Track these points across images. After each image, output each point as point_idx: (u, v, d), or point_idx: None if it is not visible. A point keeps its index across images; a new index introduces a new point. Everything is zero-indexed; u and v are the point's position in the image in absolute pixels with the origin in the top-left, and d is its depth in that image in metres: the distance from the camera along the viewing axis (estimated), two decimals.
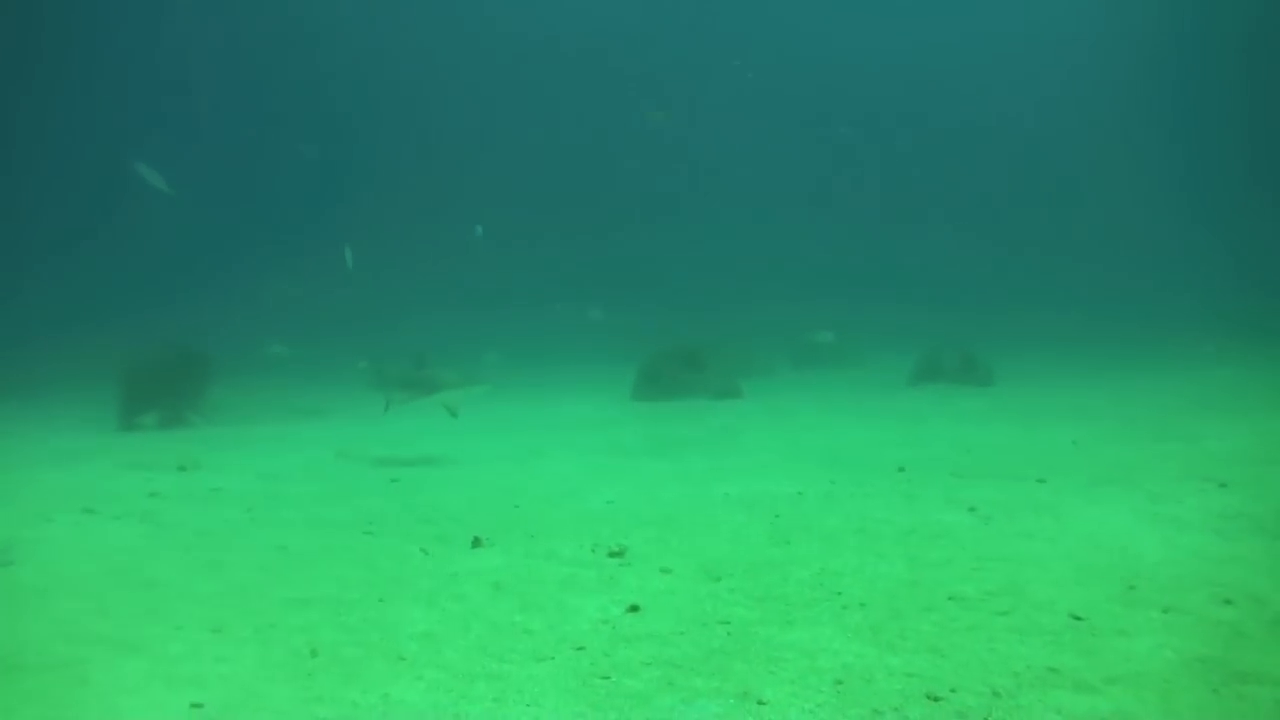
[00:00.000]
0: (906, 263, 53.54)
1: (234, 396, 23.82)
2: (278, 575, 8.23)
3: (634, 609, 7.00)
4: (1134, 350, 30.09)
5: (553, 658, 6.14)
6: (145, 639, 6.62)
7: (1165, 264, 48.53)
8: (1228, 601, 6.60)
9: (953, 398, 20.89)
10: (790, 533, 9.19)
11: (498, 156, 62.00)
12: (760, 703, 5.39)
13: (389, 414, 15.75)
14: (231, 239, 54.38)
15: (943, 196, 62.33)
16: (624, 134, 59.09)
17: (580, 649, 6.26)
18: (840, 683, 5.59)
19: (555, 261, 51.27)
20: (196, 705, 5.56)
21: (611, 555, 8.57)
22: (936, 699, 5.33)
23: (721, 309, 39.80)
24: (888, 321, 38.07)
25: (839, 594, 7.19)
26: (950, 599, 6.94)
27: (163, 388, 21.66)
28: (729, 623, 6.66)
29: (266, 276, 44.70)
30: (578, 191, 59.14)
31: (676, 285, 46.06)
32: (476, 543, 9.17)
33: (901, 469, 12.33)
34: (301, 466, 14.75)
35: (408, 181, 59.57)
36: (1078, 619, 6.40)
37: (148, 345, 23.39)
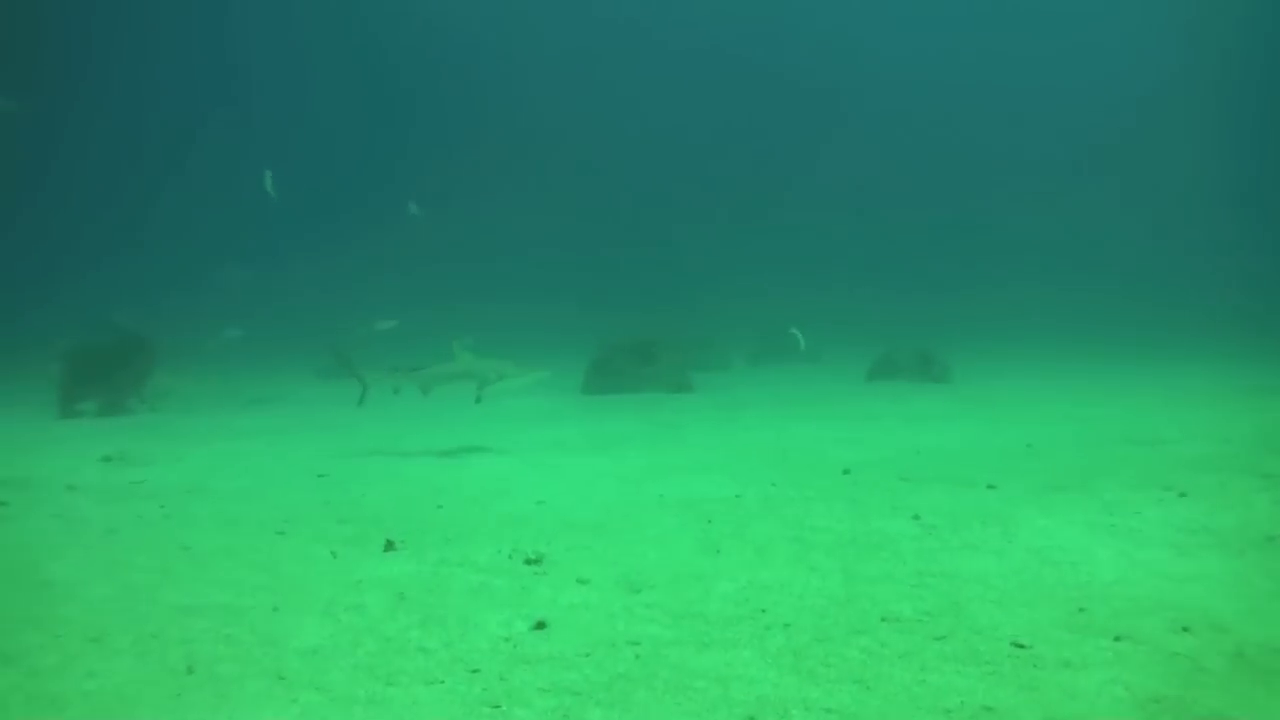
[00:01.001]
0: (882, 253, 53.11)
1: (182, 383, 23.16)
2: (175, 578, 7.67)
3: (540, 625, 6.40)
4: (1121, 345, 29.72)
5: (443, 681, 5.54)
6: (22, 649, 6.10)
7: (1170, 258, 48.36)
8: (1186, 629, 6.01)
9: (909, 396, 20.37)
10: (722, 540, 8.59)
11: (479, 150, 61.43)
12: None
13: (342, 403, 15.03)
14: (192, 224, 53.46)
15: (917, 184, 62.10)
16: (601, 131, 58.78)
17: (475, 671, 5.66)
18: (751, 718, 4.95)
19: (528, 256, 50.56)
20: None
21: (529, 563, 7.97)
22: None
23: (679, 302, 39.21)
24: (857, 312, 37.60)
25: (764, 612, 6.58)
26: (884, 620, 6.33)
27: (105, 374, 20.99)
28: (639, 644, 6.05)
29: (225, 261, 43.88)
30: (554, 188, 58.47)
31: (636, 277, 45.40)
32: (389, 546, 8.61)
33: (847, 471, 11.76)
34: (231, 458, 14.22)
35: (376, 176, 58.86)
36: (1020, 647, 5.79)
37: (92, 329, 22.74)
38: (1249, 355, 26.34)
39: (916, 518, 9.18)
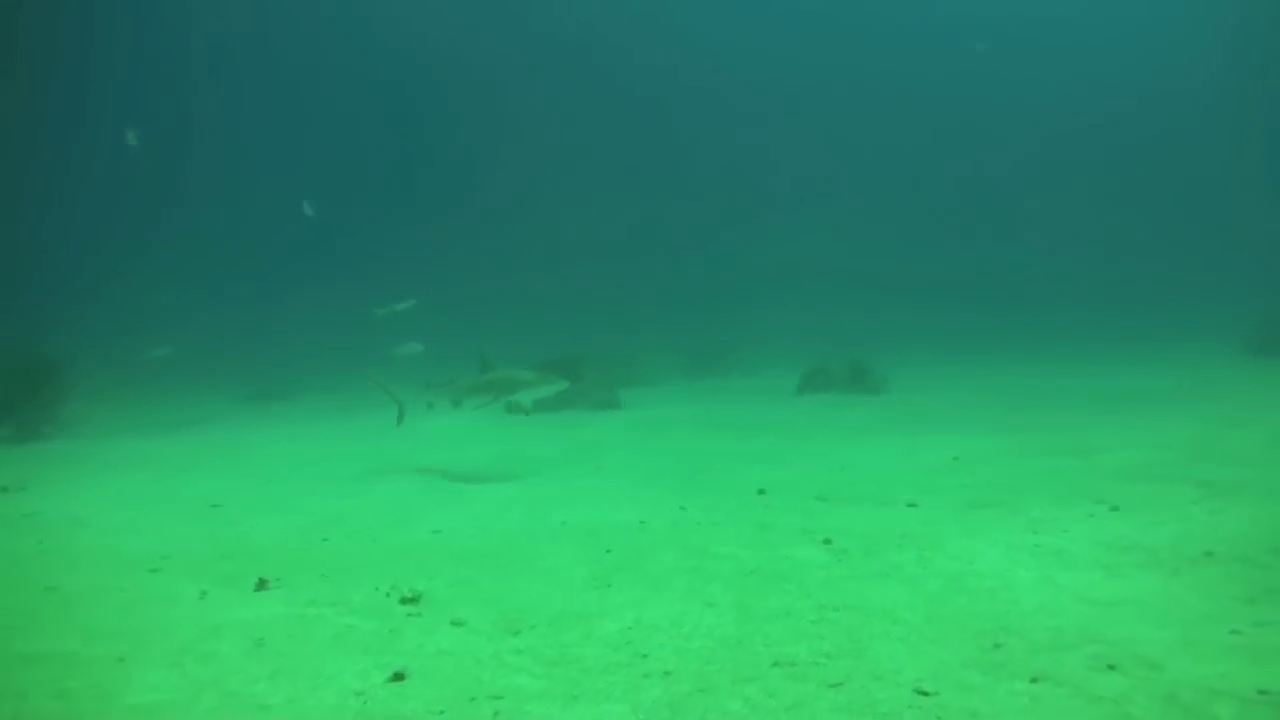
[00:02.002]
0: (829, 264, 52.70)
1: (101, 407, 22.28)
2: (32, 622, 6.99)
3: (398, 677, 5.72)
4: (1068, 353, 29.37)
5: None
6: None
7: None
8: (1112, 667, 5.34)
9: (839, 408, 19.72)
10: (615, 572, 7.89)
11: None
12: None
13: (262, 426, 14.24)
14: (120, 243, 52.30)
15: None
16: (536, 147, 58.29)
17: None
18: None
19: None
20: None
21: (405, 602, 7.28)
22: None
23: (618, 318, 38.56)
24: (799, 325, 37.09)
25: (645, 657, 5.88)
26: (776, 665, 5.63)
27: (16, 397, 20.02)
28: (502, 698, 5.37)
29: (158, 283, 42.86)
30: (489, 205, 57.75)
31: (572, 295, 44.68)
32: (261, 585, 7.94)
33: (762, 492, 11.08)
34: (132, 487, 13.43)
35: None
36: (924, 694, 5.10)
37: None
38: (1192, 359, 26.01)
39: (828, 542, 8.49)
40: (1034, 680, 5.21)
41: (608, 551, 8.62)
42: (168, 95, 56.45)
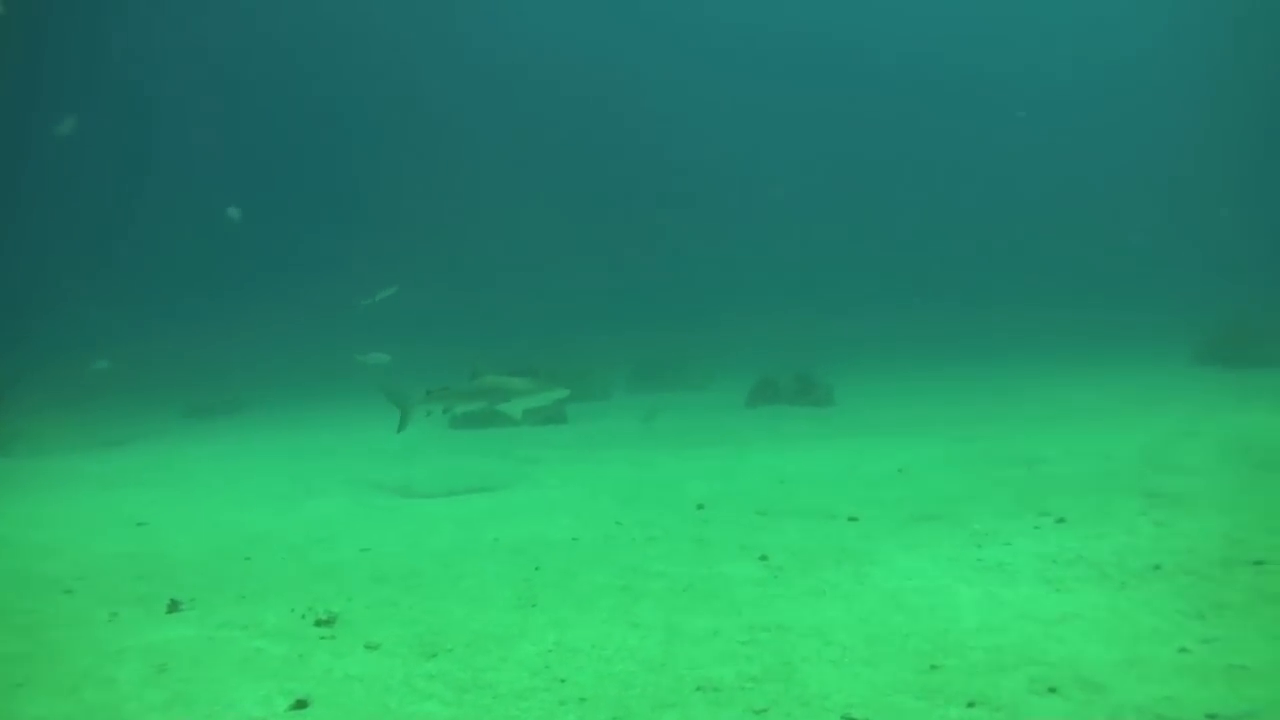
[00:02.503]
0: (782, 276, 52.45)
1: (36, 424, 21.68)
2: None
3: (301, 705, 5.43)
4: (1021, 362, 29.29)
5: None
6: None
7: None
8: (1052, 690, 5.05)
9: (786, 421, 19.45)
10: (542, 591, 7.57)
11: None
12: None
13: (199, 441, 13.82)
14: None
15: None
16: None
17: None
18: None
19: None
20: None
21: (320, 624, 6.94)
22: None
23: (563, 328, 38.14)
24: (752, 336, 36.87)
25: (562, 682, 5.55)
26: (699, 689, 5.31)
27: None
28: None
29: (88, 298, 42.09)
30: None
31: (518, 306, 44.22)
32: (173, 606, 7.57)
33: (701, 506, 10.75)
34: (57, 507, 12.98)
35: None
36: None
37: None
38: (1143, 367, 25.96)
39: (764, 558, 8.18)
40: (970, 705, 4.92)
41: (537, 569, 8.31)
42: (117, 103, 55.45)
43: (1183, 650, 5.53)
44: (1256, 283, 35.58)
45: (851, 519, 9.64)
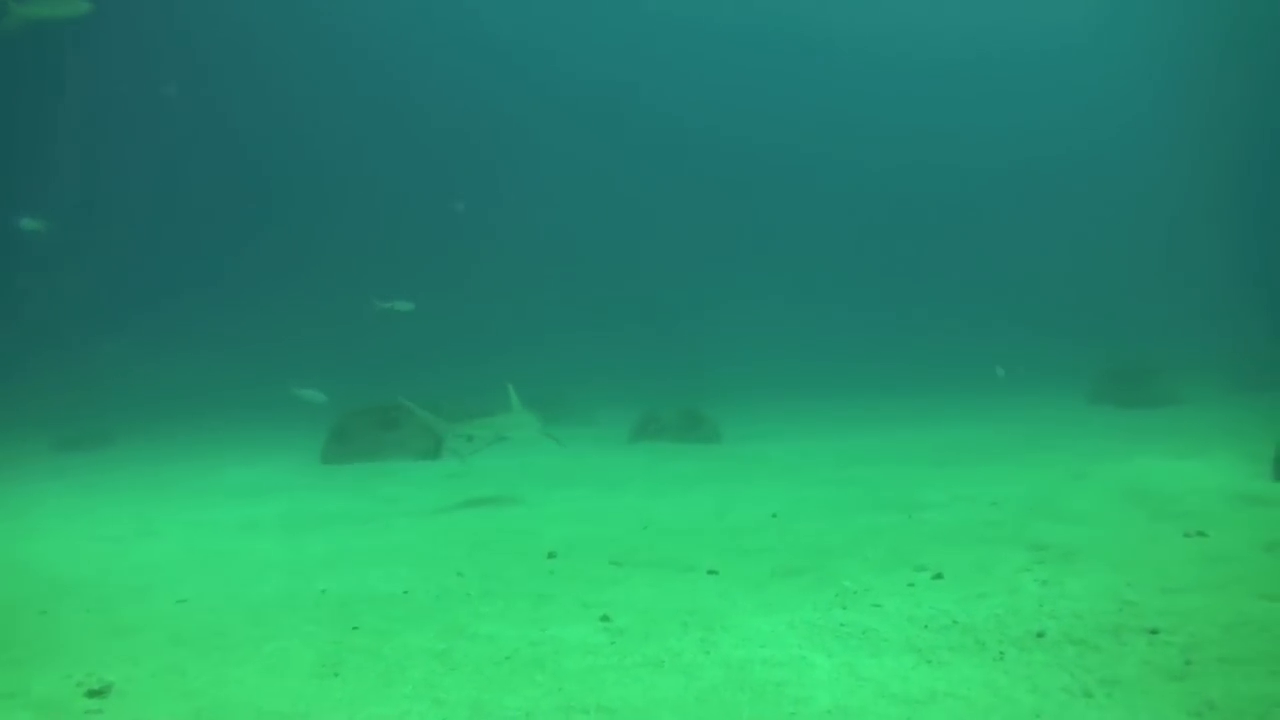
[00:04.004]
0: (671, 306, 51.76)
1: None
2: None
3: None
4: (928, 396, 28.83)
5: None
6: None
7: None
8: None
9: (666, 459, 18.61)
10: (350, 656, 6.69)
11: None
12: None
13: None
14: None
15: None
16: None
17: None
18: None
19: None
20: None
21: (91, 695, 6.06)
22: None
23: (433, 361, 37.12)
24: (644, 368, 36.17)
25: None
26: None
27: None
28: None
29: None
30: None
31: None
32: None
33: (553, 554, 9.86)
34: None
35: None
36: None
37: None
38: (1044, 400, 25.62)
39: (605, 619, 7.28)
40: None
41: (354, 629, 7.40)
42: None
43: None
44: (1170, 318, 35.70)
45: (711, 572, 8.78)
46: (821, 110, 68.45)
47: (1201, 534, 9.11)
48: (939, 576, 8.08)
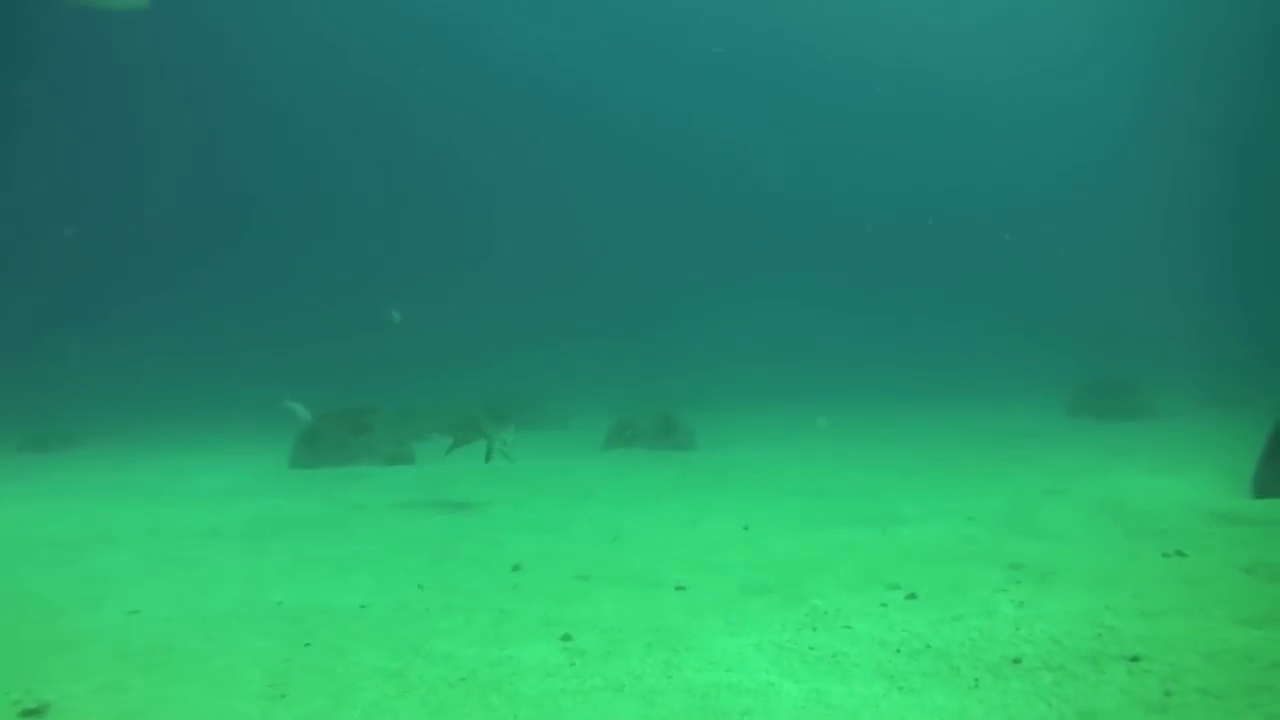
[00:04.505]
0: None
1: None
2: None
3: None
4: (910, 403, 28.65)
5: None
6: None
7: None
8: None
9: (640, 466, 18.35)
10: (301, 675, 6.45)
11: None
12: None
13: None
14: None
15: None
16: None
17: None
18: None
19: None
20: None
21: (27, 715, 5.79)
22: None
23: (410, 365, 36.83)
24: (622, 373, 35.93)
25: None
26: None
27: None
28: None
29: None
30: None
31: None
32: None
33: (517, 568, 9.59)
34: None
35: None
36: None
37: None
38: (1022, 412, 25.48)
39: (567, 639, 7.02)
40: None
41: (306, 645, 7.13)
42: None
43: None
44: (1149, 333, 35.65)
45: (679, 588, 8.54)
46: (809, 120, 68.25)
47: (1180, 554, 8.91)
48: (913, 596, 7.87)
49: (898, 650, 6.51)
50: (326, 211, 60.30)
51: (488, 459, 14.00)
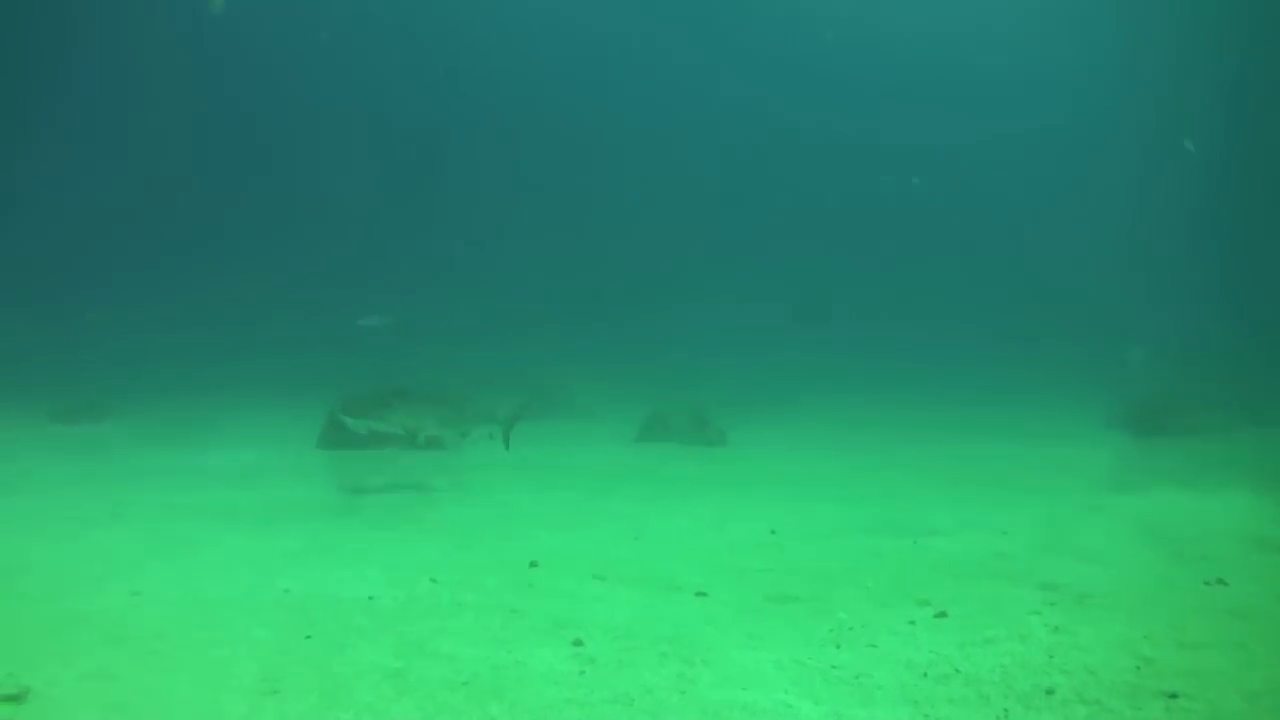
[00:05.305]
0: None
1: None
2: None
3: None
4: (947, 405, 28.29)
5: None
6: None
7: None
8: None
9: (670, 461, 18.06)
10: (296, 670, 6.22)
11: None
12: None
13: None
14: None
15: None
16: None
17: None
18: None
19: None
20: None
21: (7, 700, 5.60)
22: None
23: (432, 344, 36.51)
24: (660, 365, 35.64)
25: None
26: None
27: None
28: None
29: None
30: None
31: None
32: None
33: (534, 564, 9.31)
34: None
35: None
36: None
37: None
38: (1054, 430, 25.02)
39: (578, 644, 6.74)
40: None
41: (307, 638, 6.91)
42: None
43: None
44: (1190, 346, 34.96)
45: (699, 594, 8.23)
46: (818, 116, 67.44)
47: (1222, 582, 8.55)
48: (942, 614, 7.53)
49: (925, 674, 6.19)
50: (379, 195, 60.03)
51: (506, 446, 14.24)
